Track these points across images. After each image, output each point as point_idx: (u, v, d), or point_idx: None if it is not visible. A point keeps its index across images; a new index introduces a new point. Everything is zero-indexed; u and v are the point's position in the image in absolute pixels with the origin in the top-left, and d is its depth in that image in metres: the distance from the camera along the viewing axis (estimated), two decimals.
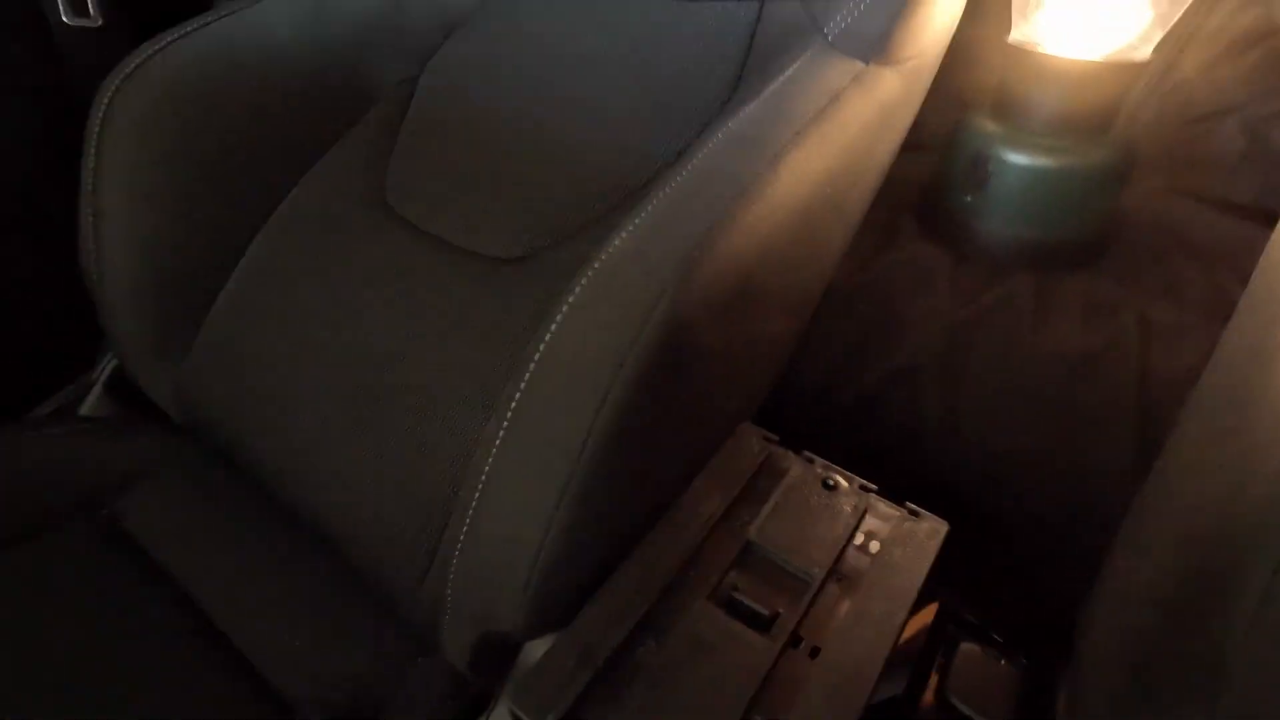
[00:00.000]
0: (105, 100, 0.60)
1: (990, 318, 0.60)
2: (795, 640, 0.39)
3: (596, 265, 0.40)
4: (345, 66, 0.70)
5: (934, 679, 0.42)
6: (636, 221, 0.42)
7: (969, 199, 0.61)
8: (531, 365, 0.40)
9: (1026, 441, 0.58)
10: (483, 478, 0.42)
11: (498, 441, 0.41)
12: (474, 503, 0.43)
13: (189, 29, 0.63)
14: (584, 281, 0.40)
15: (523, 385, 0.40)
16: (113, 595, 0.54)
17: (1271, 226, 0.48)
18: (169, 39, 0.62)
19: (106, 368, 0.71)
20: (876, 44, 0.51)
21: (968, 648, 0.43)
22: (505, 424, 0.41)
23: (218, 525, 0.60)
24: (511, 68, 0.66)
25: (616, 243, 0.41)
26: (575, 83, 0.63)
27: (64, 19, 0.70)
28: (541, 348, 0.40)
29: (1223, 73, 0.67)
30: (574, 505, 0.39)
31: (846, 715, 0.34)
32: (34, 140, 0.74)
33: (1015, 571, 0.61)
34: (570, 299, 0.40)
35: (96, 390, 0.71)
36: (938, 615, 0.46)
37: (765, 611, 0.40)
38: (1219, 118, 0.67)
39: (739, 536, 0.43)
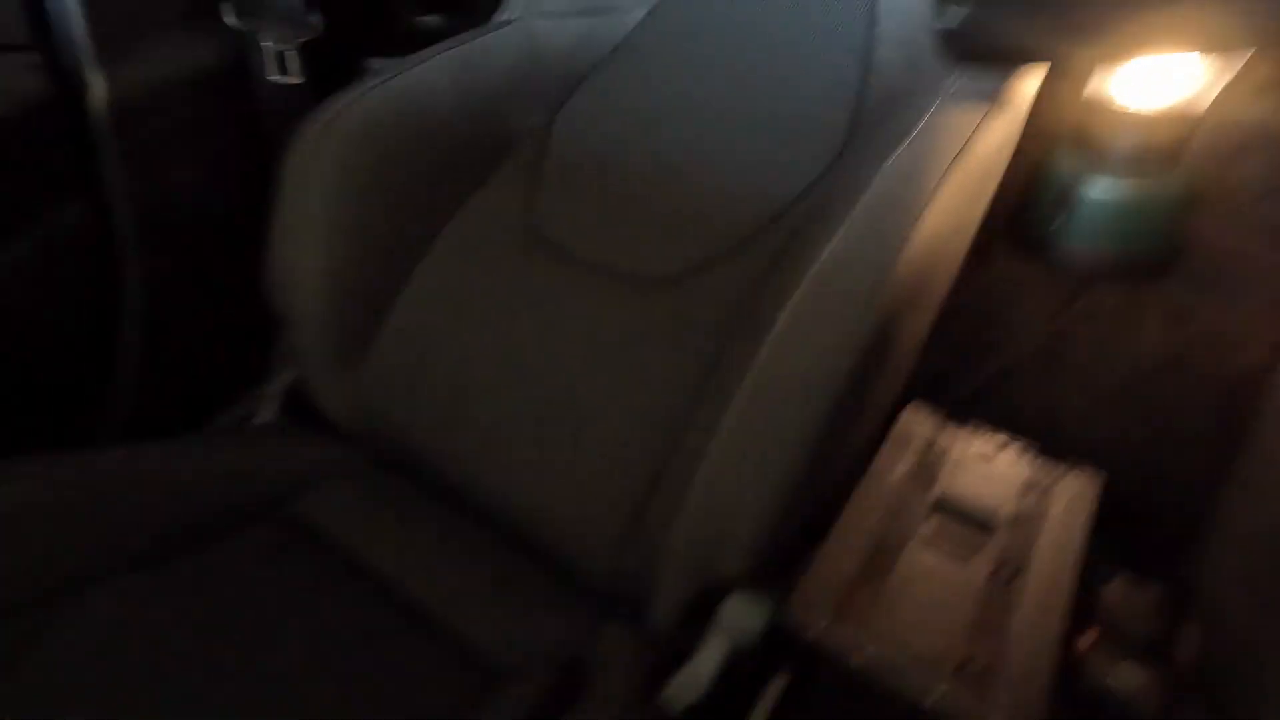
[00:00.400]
0: (302, 144, 0.70)
1: (1081, 324, 0.70)
2: (994, 571, 0.47)
3: (812, 273, 0.50)
4: (490, 114, 0.80)
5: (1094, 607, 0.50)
6: (835, 240, 0.52)
7: (1057, 223, 0.71)
8: (761, 356, 0.49)
9: (1120, 429, 0.68)
10: (709, 450, 0.51)
11: (726, 417, 0.50)
12: (698, 470, 0.51)
13: (367, 87, 0.73)
14: (804, 286, 0.49)
15: (753, 372, 0.49)
16: (310, 585, 0.57)
17: None
18: (353, 95, 0.72)
19: (281, 382, 0.79)
20: (992, 96, 0.62)
21: (1116, 581, 0.52)
22: (736, 401, 0.50)
23: (401, 516, 0.66)
24: (643, 114, 0.77)
25: (824, 257, 0.51)
26: (703, 129, 0.73)
27: (269, 76, 0.81)
28: (770, 340, 0.49)
29: (1245, 114, 0.79)
30: (800, 469, 0.48)
31: (1051, 625, 0.43)
32: (229, 179, 0.83)
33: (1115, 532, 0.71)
34: (793, 300, 0.49)
35: (270, 403, 0.78)
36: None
37: (965, 550, 0.48)
38: (1243, 154, 0.79)
39: (930, 491, 0.52)
